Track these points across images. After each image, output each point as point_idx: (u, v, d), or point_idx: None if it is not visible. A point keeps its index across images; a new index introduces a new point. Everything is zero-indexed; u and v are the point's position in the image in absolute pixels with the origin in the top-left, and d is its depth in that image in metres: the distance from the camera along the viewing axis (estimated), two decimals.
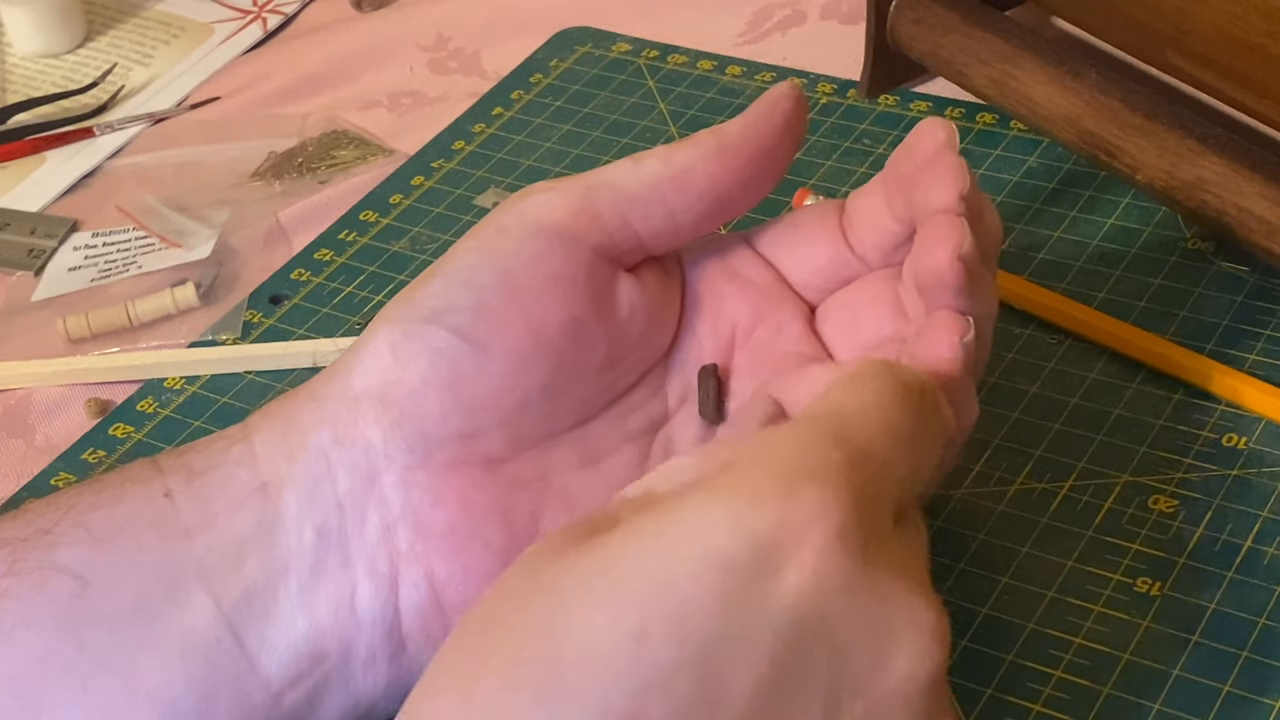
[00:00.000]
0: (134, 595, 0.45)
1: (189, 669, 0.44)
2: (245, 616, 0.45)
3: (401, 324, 0.47)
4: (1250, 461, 0.53)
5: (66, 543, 0.45)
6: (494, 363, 0.46)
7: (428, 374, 0.46)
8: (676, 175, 0.48)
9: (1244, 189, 0.57)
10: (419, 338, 0.46)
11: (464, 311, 0.46)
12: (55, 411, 0.63)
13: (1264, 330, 0.57)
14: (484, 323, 0.46)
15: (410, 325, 0.46)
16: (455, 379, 0.46)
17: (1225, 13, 0.56)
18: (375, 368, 0.46)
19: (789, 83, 0.50)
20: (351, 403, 0.46)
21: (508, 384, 0.46)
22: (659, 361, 0.50)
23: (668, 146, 0.49)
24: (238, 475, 0.46)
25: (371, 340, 0.47)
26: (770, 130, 0.49)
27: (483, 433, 0.46)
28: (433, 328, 0.46)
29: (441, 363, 0.46)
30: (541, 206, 0.48)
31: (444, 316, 0.46)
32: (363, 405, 0.46)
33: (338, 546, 0.46)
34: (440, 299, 0.46)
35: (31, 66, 0.85)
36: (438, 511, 0.46)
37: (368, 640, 0.46)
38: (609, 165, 0.49)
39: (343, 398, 0.46)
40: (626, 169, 0.48)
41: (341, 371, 0.47)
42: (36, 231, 0.72)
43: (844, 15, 0.78)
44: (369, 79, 0.80)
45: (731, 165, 0.48)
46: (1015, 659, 0.48)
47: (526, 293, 0.46)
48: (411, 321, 0.46)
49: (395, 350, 0.46)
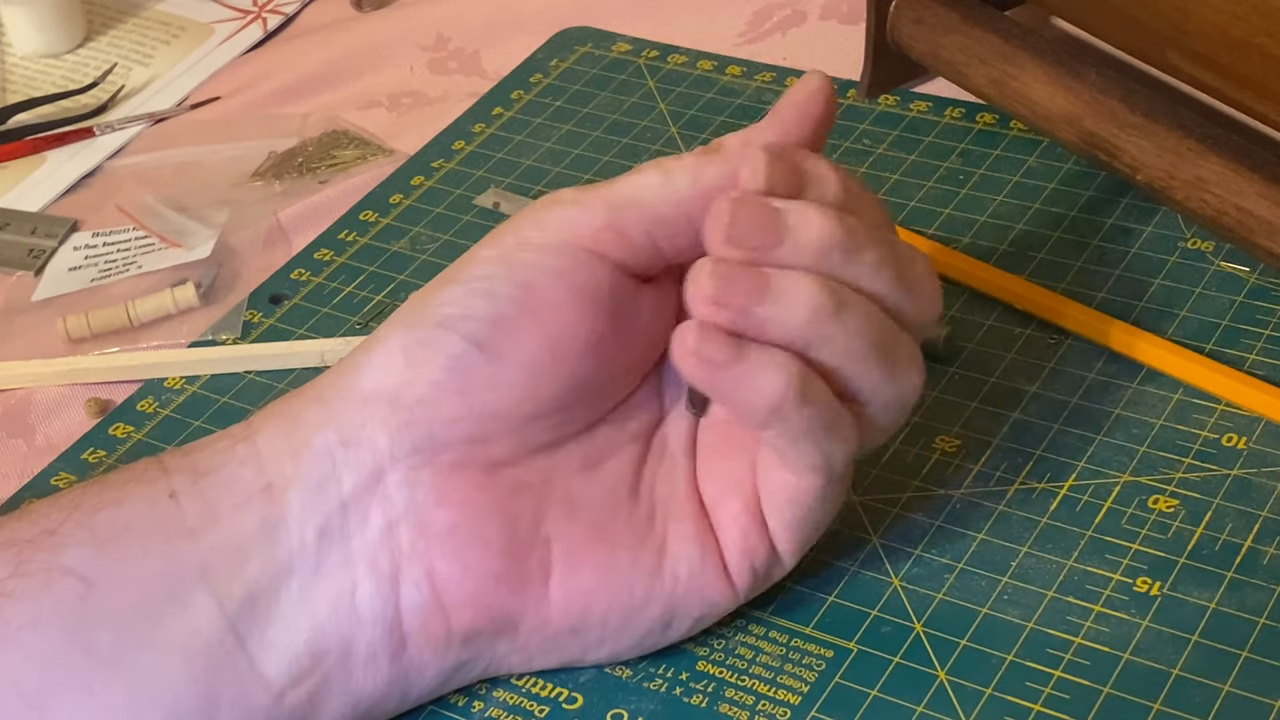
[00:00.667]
0: (138, 597, 0.45)
1: (192, 670, 0.44)
2: (248, 618, 0.45)
3: (416, 329, 0.46)
4: (1250, 461, 0.53)
5: (71, 544, 0.45)
6: (509, 374, 0.46)
7: (441, 380, 0.46)
8: (705, 193, 0.45)
9: (1244, 189, 0.57)
10: (433, 344, 0.46)
11: (481, 321, 0.46)
12: (55, 411, 0.63)
13: (1264, 330, 0.57)
14: (501, 334, 0.45)
15: (425, 331, 0.46)
16: (468, 387, 0.46)
17: (1225, 13, 0.56)
18: (386, 370, 0.46)
19: (819, 78, 0.48)
20: (359, 404, 0.46)
21: (521, 395, 0.46)
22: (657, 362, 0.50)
23: (697, 159, 0.46)
24: (242, 475, 0.46)
25: (384, 342, 0.47)
26: (801, 139, 0.47)
27: (491, 439, 0.46)
28: (448, 334, 0.46)
29: (456, 370, 0.45)
30: (566, 220, 0.46)
31: (460, 324, 0.46)
32: (370, 407, 0.46)
33: (340, 545, 0.46)
34: (457, 306, 0.46)
35: (31, 66, 0.85)
36: (441, 511, 0.46)
37: (368, 638, 0.46)
38: (635, 176, 0.47)
39: (350, 399, 0.46)
40: (654, 184, 0.46)
41: (349, 372, 0.47)
42: (37, 231, 0.72)
43: (844, 15, 0.78)
44: (369, 79, 0.80)
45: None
46: (1015, 659, 0.48)
47: (547, 307, 0.46)
48: (426, 327, 0.46)
49: (408, 354, 0.46)
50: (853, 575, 0.51)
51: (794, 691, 0.48)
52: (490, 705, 0.49)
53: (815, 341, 0.44)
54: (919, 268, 0.47)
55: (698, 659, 0.49)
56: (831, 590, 0.51)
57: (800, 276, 0.44)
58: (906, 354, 0.47)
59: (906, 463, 0.54)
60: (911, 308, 0.47)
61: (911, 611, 0.50)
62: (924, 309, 0.47)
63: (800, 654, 0.49)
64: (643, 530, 0.48)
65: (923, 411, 0.56)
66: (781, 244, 0.44)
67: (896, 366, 0.46)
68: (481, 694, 0.49)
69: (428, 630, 0.46)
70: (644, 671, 0.49)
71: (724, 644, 0.50)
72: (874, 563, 0.51)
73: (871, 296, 0.46)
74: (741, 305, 0.44)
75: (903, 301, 0.46)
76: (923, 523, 0.52)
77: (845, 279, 0.45)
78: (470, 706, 0.49)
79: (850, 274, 0.45)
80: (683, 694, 0.48)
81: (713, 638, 0.50)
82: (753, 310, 0.44)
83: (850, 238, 0.45)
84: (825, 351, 0.45)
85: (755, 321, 0.44)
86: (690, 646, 0.50)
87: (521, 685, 0.49)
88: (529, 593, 0.46)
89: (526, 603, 0.47)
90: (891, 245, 0.46)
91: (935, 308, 0.48)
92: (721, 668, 0.49)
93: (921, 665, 0.48)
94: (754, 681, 0.49)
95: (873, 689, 0.48)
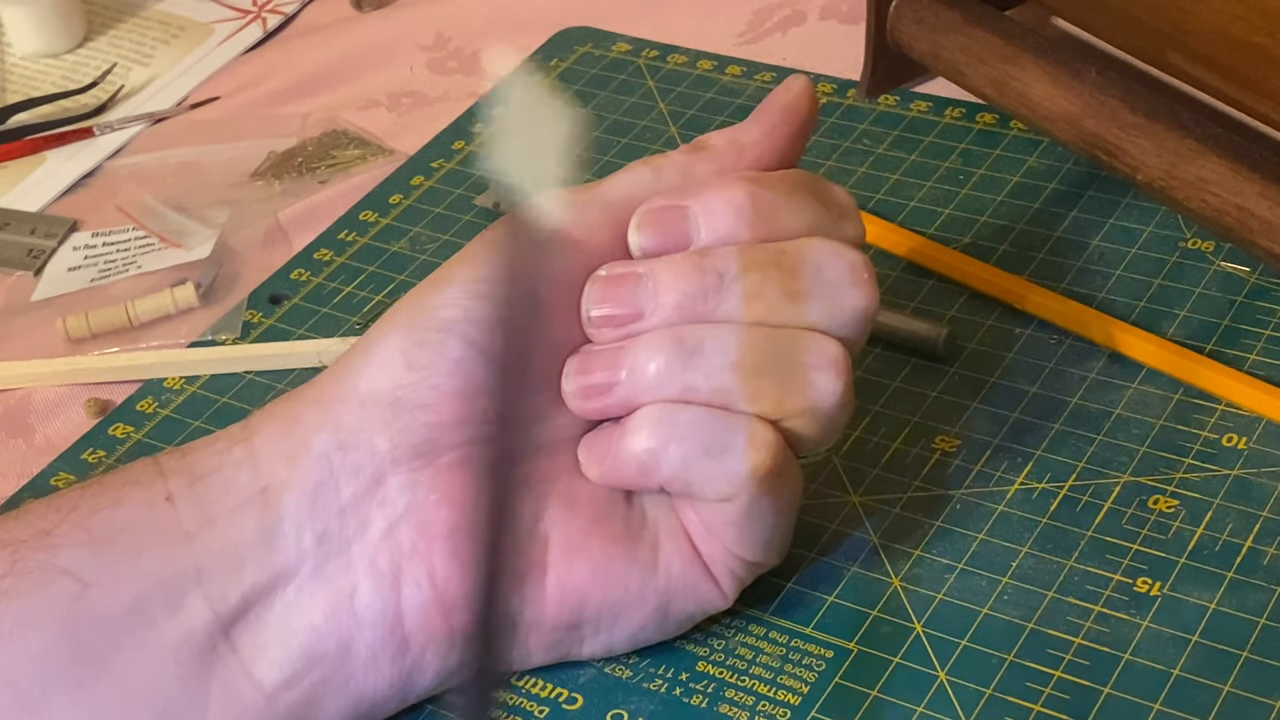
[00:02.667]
0: (132, 598, 0.45)
1: (183, 672, 0.44)
2: (241, 621, 0.45)
3: (415, 331, 0.46)
4: (1250, 461, 0.53)
5: (67, 545, 0.45)
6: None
7: (442, 383, 0.46)
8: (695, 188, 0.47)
9: (1244, 189, 0.57)
10: (433, 346, 0.46)
11: (482, 324, 0.46)
12: (55, 411, 0.63)
13: (1264, 330, 0.57)
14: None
15: (425, 333, 0.46)
16: (470, 390, 0.45)
17: (1225, 13, 0.56)
18: (385, 372, 0.46)
19: (801, 82, 0.49)
20: (357, 407, 0.46)
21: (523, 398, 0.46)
22: None
23: (685, 155, 0.48)
24: (239, 478, 0.46)
25: (382, 344, 0.46)
26: (787, 136, 0.48)
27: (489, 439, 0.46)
28: (449, 338, 0.46)
29: (457, 374, 0.45)
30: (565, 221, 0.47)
31: (461, 327, 0.46)
32: (369, 410, 0.46)
33: (338, 550, 0.46)
34: (457, 309, 0.46)
35: (31, 66, 0.85)
36: (442, 511, 0.46)
37: (368, 640, 0.46)
38: (625, 174, 0.48)
39: (348, 401, 0.46)
40: (645, 181, 0.47)
41: (346, 374, 0.47)
42: (36, 231, 0.72)
43: (844, 15, 0.78)
44: (369, 79, 0.80)
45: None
46: (1015, 659, 0.48)
47: (547, 309, 0.46)
48: (426, 329, 0.46)
49: (409, 357, 0.46)
50: (853, 575, 0.51)
51: (794, 692, 0.48)
52: None
53: (677, 391, 0.45)
54: (829, 272, 0.46)
55: (698, 659, 0.49)
56: (831, 590, 0.51)
57: (647, 338, 0.46)
58: (811, 364, 0.46)
59: (906, 463, 0.54)
60: (819, 314, 0.46)
61: (911, 611, 0.50)
62: (836, 311, 0.46)
63: (800, 654, 0.49)
64: (638, 527, 0.48)
65: (923, 411, 0.56)
66: (642, 315, 0.46)
67: (791, 380, 0.46)
68: None
69: (429, 630, 0.46)
70: (644, 672, 0.49)
71: (724, 644, 0.50)
72: (874, 563, 0.51)
73: (755, 322, 0.46)
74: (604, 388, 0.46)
75: (800, 313, 0.46)
76: (923, 523, 0.52)
77: (716, 317, 0.46)
78: None
79: (721, 312, 0.46)
80: (683, 694, 0.48)
81: (713, 638, 0.50)
82: (613, 392, 0.46)
83: (707, 284, 0.46)
84: (694, 393, 0.45)
85: (619, 401, 0.46)
86: (690, 647, 0.50)
87: (521, 685, 0.49)
88: (526, 589, 0.46)
89: (524, 600, 0.47)
90: (776, 264, 0.46)
91: (858, 304, 0.47)
92: (721, 668, 0.49)
93: (921, 665, 0.48)
94: (754, 682, 0.48)
95: (873, 689, 0.48)
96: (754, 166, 0.48)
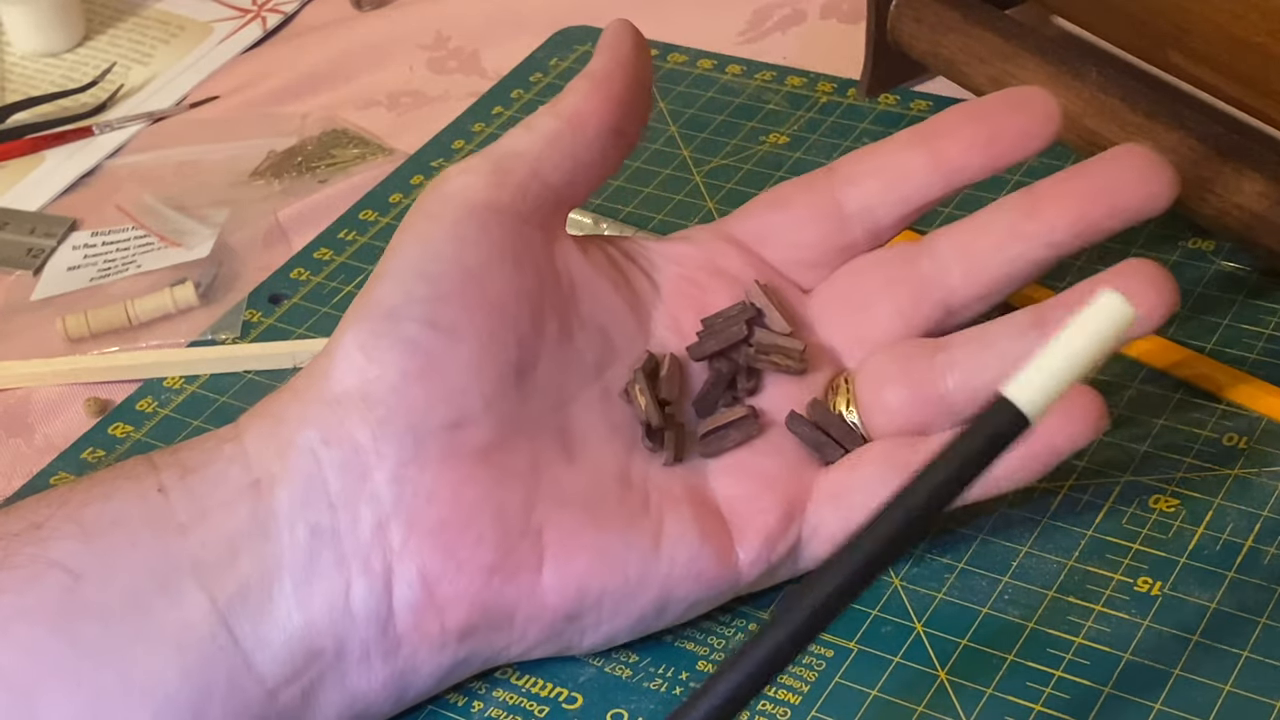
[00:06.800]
0: (126, 589, 0.45)
1: (184, 664, 0.44)
2: (240, 613, 0.45)
3: (367, 324, 0.47)
4: (1250, 461, 0.53)
5: (58, 537, 0.45)
6: (466, 344, 0.47)
7: (405, 366, 0.46)
8: (570, 120, 0.51)
9: (1244, 189, 0.57)
10: (387, 334, 0.47)
11: (426, 301, 0.47)
12: (55, 411, 0.63)
13: (1264, 330, 0.57)
14: (447, 308, 0.47)
15: (376, 324, 0.47)
16: (431, 368, 0.46)
17: (1225, 12, 0.56)
18: (349, 370, 0.47)
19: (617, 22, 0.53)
20: (334, 405, 0.46)
21: (482, 363, 0.47)
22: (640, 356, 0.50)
23: (547, 105, 0.51)
24: (230, 472, 0.46)
25: (340, 344, 0.47)
26: (630, 58, 0.52)
27: (468, 419, 0.47)
28: (400, 322, 0.47)
29: (417, 353, 0.46)
30: (464, 187, 0.49)
31: (408, 309, 0.47)
32: (345, 406, 0.46)
33: (331, 544, 0.46)
34: (398, 295, 0.47)
35: (30, 65, 0.85)
36: (430, 507, 0.46)
37: (362, 637, 0.46)
38: (506, 137, 0.51)
39: (324, 401, 0.47)
40: (522, 135, 0.51)
41: (318, 376, 0.47)
42: (35, 231, 0.72)
43: (844, 14, 0.78)
44: (369, 78, 0.80)
45: (612, 95, 0.51)
46: (1015, 659, 0.48)
47: (478, 272, 0.48)
48: (376, 320, 0.47)
49: (366, 350, 0.47)
50: None
51: (794, 691, 0.48)
52: (490, 705, 0.49)
53: None
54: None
55: (698, 659, 0.49)
56: None
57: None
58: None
59: None
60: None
61: (911, 611, 0.50)
62: None
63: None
64: (636, 514, 0.48)
65: None
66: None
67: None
68: (481, 694, 0.49)
69: (422, 629, 0.46)
70: (644, 671, 0.49)
71: (724, 644, 0.50)
72: None
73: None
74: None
75: None
76: None
77: None
78: (470, 706, 0.49)
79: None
80: (683, 694, 0.48)
81: (713, 637, 0.50)
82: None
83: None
84: None
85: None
86: (690, 646, 0.50)
87: (521, 685, 0.49)
88: (523, 582, 0.47)
89: (520, 593, 0.47)
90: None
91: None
92: None
93: (921, 665, 0.48)
94: None
95: (873, 689, 0.48)
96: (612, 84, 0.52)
